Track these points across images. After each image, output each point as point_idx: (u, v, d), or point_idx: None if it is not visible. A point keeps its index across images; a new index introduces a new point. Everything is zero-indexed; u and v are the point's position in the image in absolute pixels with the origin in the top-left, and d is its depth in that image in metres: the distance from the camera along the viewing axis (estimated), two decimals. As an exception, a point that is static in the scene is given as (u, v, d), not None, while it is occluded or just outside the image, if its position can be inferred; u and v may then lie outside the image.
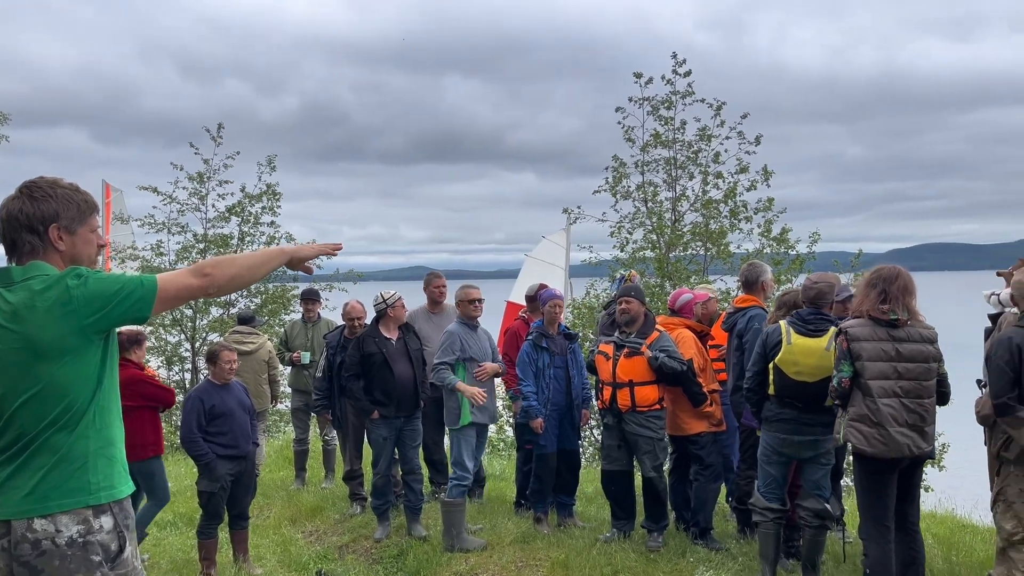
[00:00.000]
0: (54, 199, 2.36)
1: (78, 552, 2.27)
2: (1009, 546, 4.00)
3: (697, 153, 11.59)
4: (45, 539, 2.26)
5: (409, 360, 6.22)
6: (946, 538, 6.09)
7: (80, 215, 2.40)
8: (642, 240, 11.87)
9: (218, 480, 5.41)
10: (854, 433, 4.38)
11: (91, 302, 2.26)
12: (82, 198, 2.43)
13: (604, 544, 5.68)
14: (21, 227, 2.33)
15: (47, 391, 2.26)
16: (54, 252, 2.36)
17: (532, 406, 6.10)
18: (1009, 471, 4.03)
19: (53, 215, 2.35)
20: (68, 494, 2.29)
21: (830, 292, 4.99)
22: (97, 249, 2.47)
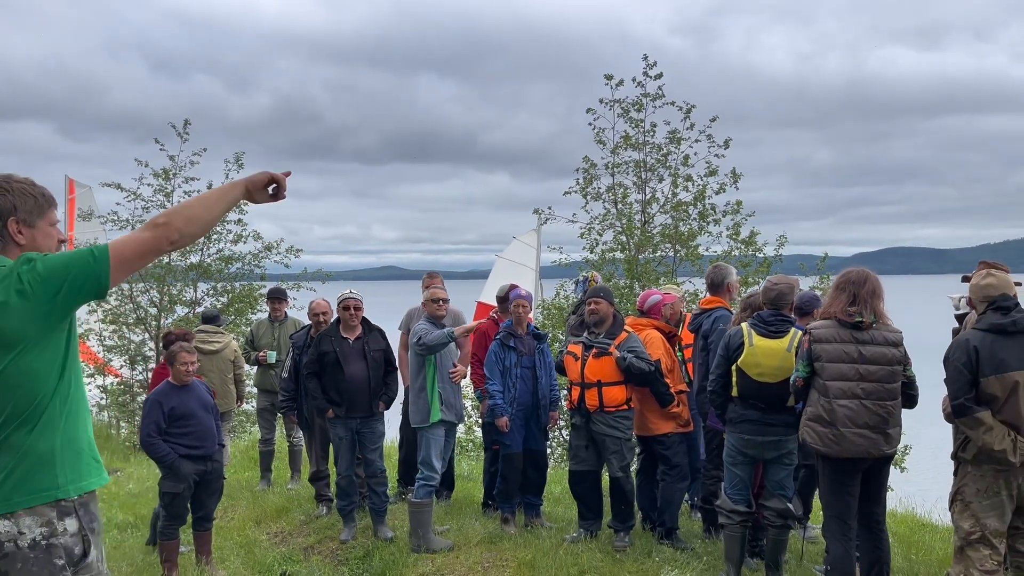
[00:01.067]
0: (11, 193, 2.33)
1: (41, 555, 2.21)
2: (967, 545, 4.07)
3: (667, 155, 11.67)
4: (8, 540, 2.19)
5: (365, 361, 6.16)
6: (906, 537, 6.19)
7: (38, 208, 2.37)
8: (612, 241, 11.92)
9: (183, 480, 5.32)
10: (809, 432, 4.45)
11: (45, 283, 2.19)
12: (39, 191, 2.40)
13: (571, 544, 5.69)
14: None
15: (5, 385, 2.19)
16: (14, 246, 2.33)
17: (498, 404, 6.10)
18: (967, 471, 4.10)
19: (11, 209, 2.32)
20: (32, 492, 2.22)
21: (790, 293, 5.06)
22: (57, 244, 2.42)
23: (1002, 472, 4.00)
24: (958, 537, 4.11)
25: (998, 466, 3.99)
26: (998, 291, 4.12)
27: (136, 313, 12.70)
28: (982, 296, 4.15)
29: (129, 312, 12.76)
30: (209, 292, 13.12)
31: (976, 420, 3.94)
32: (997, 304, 4.08)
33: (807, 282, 10.55)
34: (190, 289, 13.13)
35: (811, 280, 10.71)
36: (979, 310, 4.18)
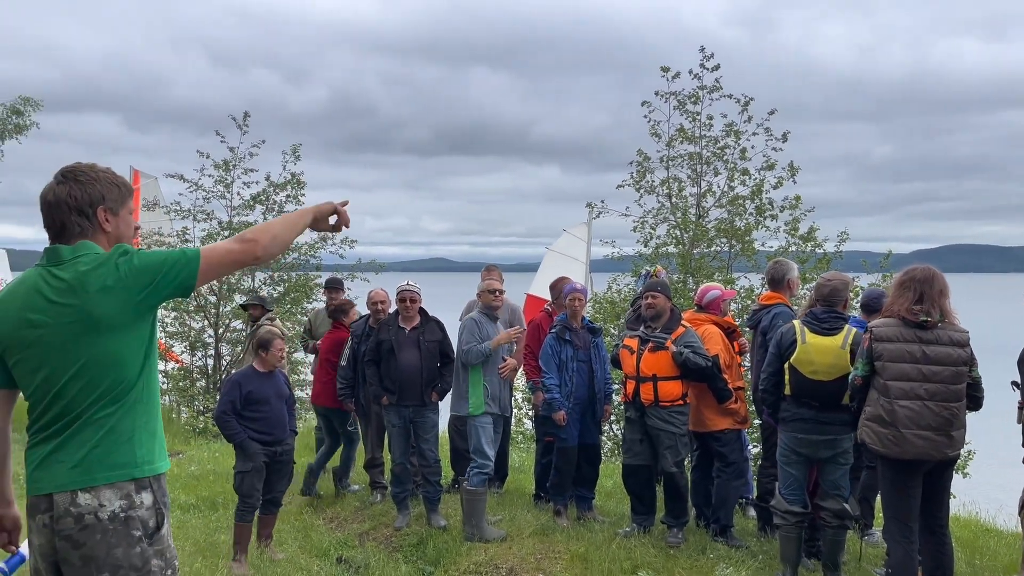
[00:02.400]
0: (99, 182, 2.44)
1: (120, 527, 2.30)
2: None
3: (723, 149, 11.51)
4: (88, 513, 2.29)
5: (418, 350, 6.25)
6: (969, 542, 6.03)
7: (121, 197, 2.49)
8: (665, 236, 11.81)
9: (250, 460, 5.48)
10: (868, 432, 4.37)
11: (139, 276, 2.32)
12: (121, 181, 2.52)
13: (623, 539, 5.69)
14: (71, 210, 2.40)
15: (98, 366, 2.31)
16: (101, 233, 2.43)
17: (555, 399, 6.11)
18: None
19: (100, 197, 2.43)
20: (113, 467, 2.32)
21: (844, 290, 4.98)
22: (134, 231, 2.55)
23: None
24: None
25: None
26: None
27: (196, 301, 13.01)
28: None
29: (190, 300, 13.08)
30: (266, 281, 13.37)
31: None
32: None
33: (868, 279, 10.32)
34: (248, 278, 13.39)
35: (872, 277, 10.46)
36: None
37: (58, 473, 2.31)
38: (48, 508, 2.32)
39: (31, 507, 2.37)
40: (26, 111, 13.27)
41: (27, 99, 13.38)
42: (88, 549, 2.28)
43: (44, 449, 2.34)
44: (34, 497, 2.35)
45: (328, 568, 5.73)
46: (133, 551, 2.31)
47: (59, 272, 2.34)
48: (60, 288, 2.32)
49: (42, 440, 2.35)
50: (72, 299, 2.30)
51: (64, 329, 2.30)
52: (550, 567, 5.32)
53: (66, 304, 2.30)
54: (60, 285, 2.32)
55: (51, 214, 2.42)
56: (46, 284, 2.34)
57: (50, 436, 2.34)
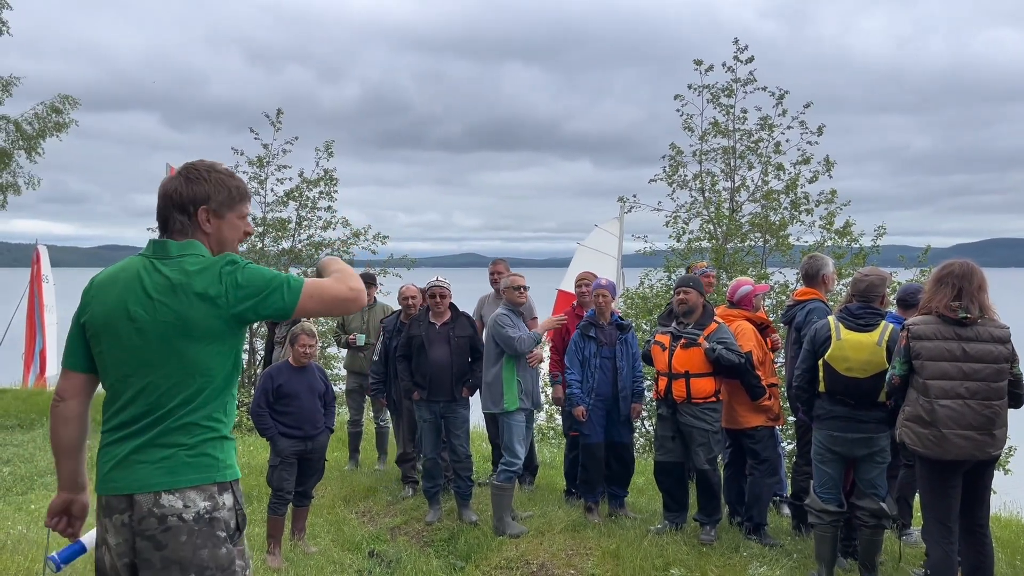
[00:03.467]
0: (206, 182, 2.40)
1: (205, 528, 2.29)
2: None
3: (757, 143, 11.36)
4: (172, 515, 2.27)
5: (448, 346, 6.26)
6: (1010, 542, 5.90)
7: (230, 200, 2.43)
8: (699, 230, 11.70)
9: (279, 454, 5.55)
10: (908, 433, 4.28)
11: (239, 291, 2.30)
12: (235, 184, 2.45)
13: (656, 536, 5.65)
14: (174, 206, 2.39)
15: (187, 369, 2.30)
16: (201, 234, 2.40)
17: (574, 394, 6.11)
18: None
19: (204, 197, 2.39)
20: (199, 470, 2.30)
21: (881, 285, 4.88)
22: (244, 236, 2.50)
23: None
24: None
25: None
26: None
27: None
28: None
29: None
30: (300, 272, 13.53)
31: None
32: None
33: (905, 275, 10.12)
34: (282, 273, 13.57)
35: (910, 273, 10.26)
36: None
37: (139, 474, 2.29)
38: (127, 508, 2.30)
39: (106, 507, 2.34)
40: (65, 109, 13.52)
41: (66, 97, 13.63)
42: (171, 551, 2.25)
43: (123, 448, 2.32)
44: (111, 497, 2.32)
45: (360, 562, 5.77)
46: (219, 552, 2.29)
47: (163, 267, 2.33)
48: (162, 285, 2.30)
49: (121, 438, 2.32)
50: (171, 299, 2.29)
51: (159, 327, 2.28)
52: (581, 563, 5.31)
53: (164, 303, 2.29)
54: (162, 282, 2.30)
55: (159, 207, 2.41)
56: (148, 277, 2.32)
57: (131, 435, 2.31)
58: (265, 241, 13.38)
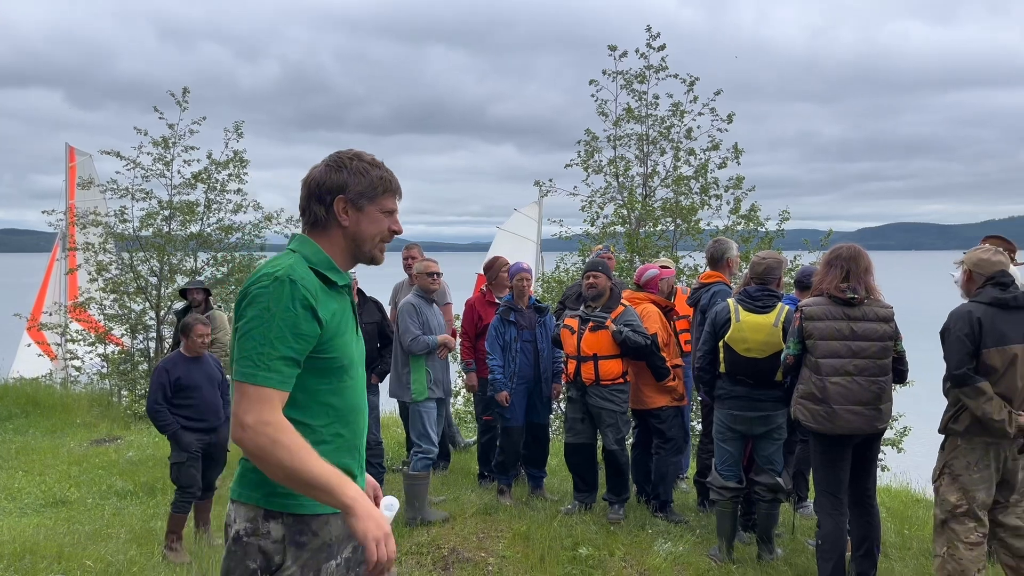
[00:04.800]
0: (345, 170, 2.19)
1: (239, 550, 2.10)
2: (951, 518, 4.06)
3: (669, 129, 11.55)
4: (228, 525, 2.17)
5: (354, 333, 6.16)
6: (900, 512, 6.23)
7: (371, 191, 2.21)
8: (613, 215, 11.85)
9: (184, 450, 5.37)
10: (801, 410, 4.46)
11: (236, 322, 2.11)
12: (377, 175, 2.22)
13: (565, 516, 5.74)
14: (312, 196, 2.21)
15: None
16: (337, 226, 2.20)
17: (497, 379, 6.12)
18: (956, 444, 4.08)
19: (341, 186, 2.18)
20: (248, 487, 2.13)
21: (778, 268, 5.06)
22: (388, 233, 2.26)
23: (992, 445, 4.01)
24: (942, 511, 4.09)
25: (989, 438, 3.99)
26: (1000, 267, 4.10)
27: (137, 282, 12.69)
28: (986, 270, 4.11)
29: (130, 281, 12.76)
30: (209, 262, 13.09)
31: (977, 390, 3.91)
32: (996, 280, 4.06)
33: (809, 258, 10.50)
34: (190, 259, 13.10)
35: (814, 256, 10.65)
36: (977, 283, 4.14)
37: (236, 476, 2.20)
38: None
39: None
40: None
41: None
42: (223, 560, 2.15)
43: None
44: None
45: (268, 552, 5.67)
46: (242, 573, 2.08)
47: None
48: (240, 292, 2.14)
49: None
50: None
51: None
52: (492, 546, 5.35)
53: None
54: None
55: (301, 196, 2.24)
56: None
57: None
58: (172, 225, 12.91)
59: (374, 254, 2.26)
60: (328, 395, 2.15)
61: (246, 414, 1.98)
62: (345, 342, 2.19)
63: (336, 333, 2.15)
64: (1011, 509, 4.09)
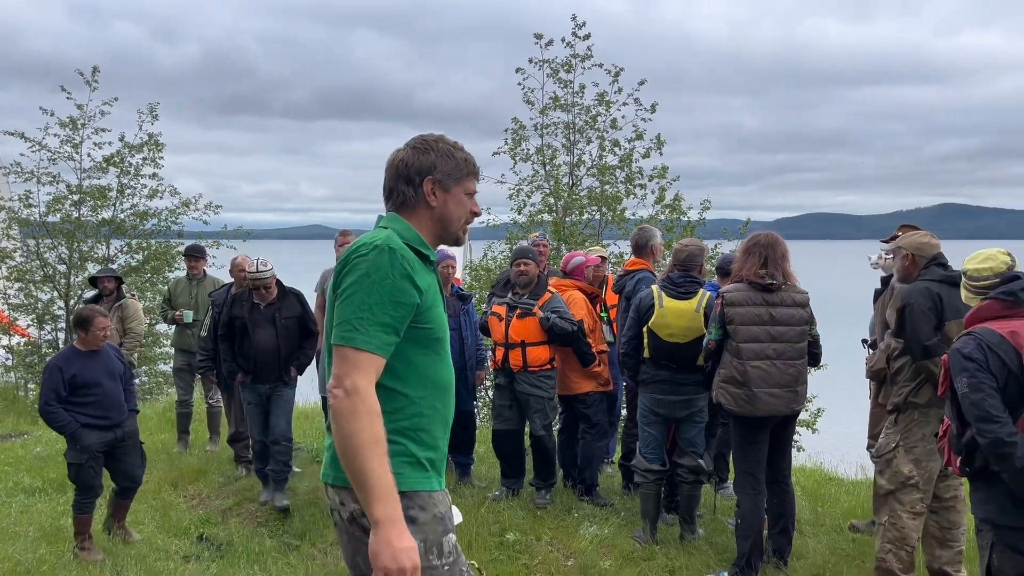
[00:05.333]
0: (433, 152, 2.25)
1: (357, 531, 2.12)
2: (900, 489, 4.17)
3: (595, 118, 11.65)
4: (335, 509, 2.20)
5: (275, 328, 5.98)
6: (813, 490, 6.47)
7: (457, 173, 2.27)
8: (540, 203, 11.90)
9: (85, 451, 5.09)
10: (723, 393, 4.58)
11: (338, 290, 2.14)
12: (463, 156, 2.29)
13: (493, 502, 5.76)
14: (400, 176, 2.25)
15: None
16: (425, 207, 2.25)
17: None
18: (913, 417, 4.18)
19: (430, 167, 2.24)
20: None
21: (699, 255, 5.18)
22: (470, 216, 2.32)
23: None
24: (892, 482, 4.18)
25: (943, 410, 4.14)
26: (938, 250, 4.28)
27: (44, 271, 12.13)
28: (928, 252, 4.25)
29: (36, 269, 12.18)
30: (123, 249, 12.60)
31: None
32: (938, 260, 4.23)
33: (729, 246, 10.78)
34: (102, 246, 12.57)
35: (733, 244, 10.93)
36: (920, 265, 4.27)
37: (326, 461, 2.20)
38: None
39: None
40: None
41: None
42: (343, 548, 2.22)
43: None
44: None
45: (188, 547, 5.52)
46: (361, 555, 2.10)
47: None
48: (340, 262, 2.17)
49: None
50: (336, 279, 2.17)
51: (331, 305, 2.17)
52: (419, 534, 5.32)
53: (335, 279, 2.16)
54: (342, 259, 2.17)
55: (386, 176, 2.29)
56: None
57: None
58: (83, 210, 12.37)
59: (459, 234, 2.32)
60: (426, 367, 2.19)
61: (345, 377, 2.01)
62: (440, 314, 2.25)
63: (433, 303, 2.20)
64: (948, 482, 4.28)
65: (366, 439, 1.97)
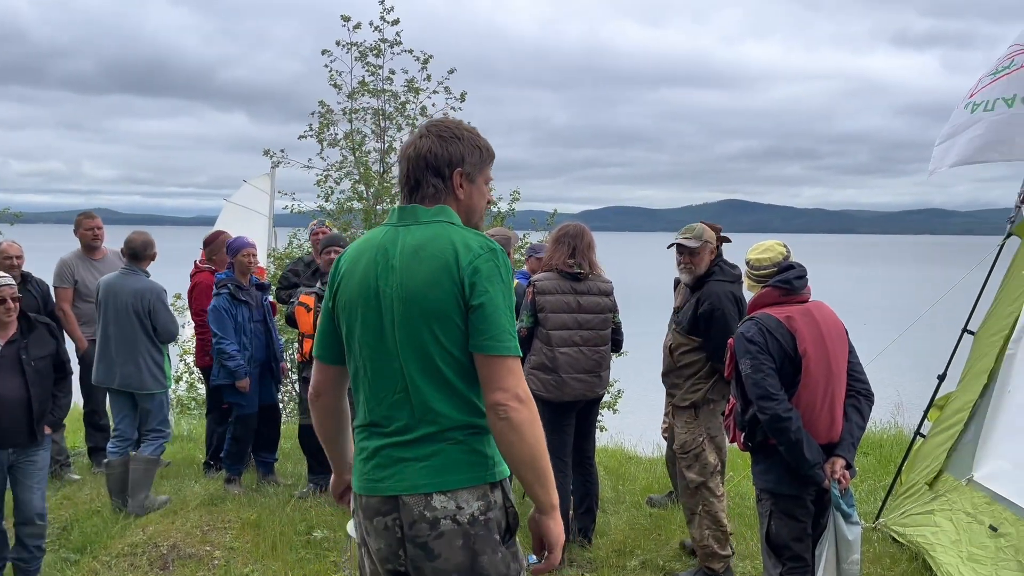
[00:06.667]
0: (461, 141, 2.20)
1: (481, 531, 2.08)
2: (709, 478, 4.38)
3: (404, 105, 11.51)
4: (444, 517, 2.06)
5: (20, 374, 4.23)
6: (615, 469, 6.81)
7: (481, 163, 2.23)
8: (349, 191, 11.59)
9: None
10: (533, 380, 4.68)
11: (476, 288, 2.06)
12: (484, 144, 2.25)
13: (299, 500, 5.54)
14: (428, 168, 2.17)
15: (432, 351, 2.07)
16: (453, 199, 2.20)
17: (240, 365, 5.71)
18: (711, 409, 4.40)
19: (459, 158, 2.19)
20: (470, 468, 2.09)
21: (507, 245, 5.29)
22: (487, 205, 2.29)
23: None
24: (702, 474, 4.36)
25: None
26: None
27: None
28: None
29: None
30: None
31: None
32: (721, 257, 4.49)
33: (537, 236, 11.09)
34: None
35: (541, 234, 11.25)
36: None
37: (407, 473, 2.08)
38: (392, 511, 2.09)
39: (367, 507, 2.13)
40: None
41: None
42: (444, 561, 2.06)
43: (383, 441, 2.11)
44: (373, 497, 2.11)
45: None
46: (496, 557, 2.10)
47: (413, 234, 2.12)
48: (409, 254, 2.09)
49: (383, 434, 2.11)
50: (418, 268, 2.08)
51: (404, 303, 2.07)
52: (218, 539, 5.00)
53: (411, 273, 2.07)
54: (410, 251, 2.09)
55: (408, 169, 2.19)
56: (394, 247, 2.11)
57: (395, 431, 2.10)
58: None
59: (479, 224, 2.29)
60: None
61: (516, 386, 2.02)
62: None
63: None
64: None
65: (544, 441, 2.08)
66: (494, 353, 2.04)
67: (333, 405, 2.31)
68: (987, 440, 4.37)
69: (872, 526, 5.02)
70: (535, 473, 2.05)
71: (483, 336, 2.04)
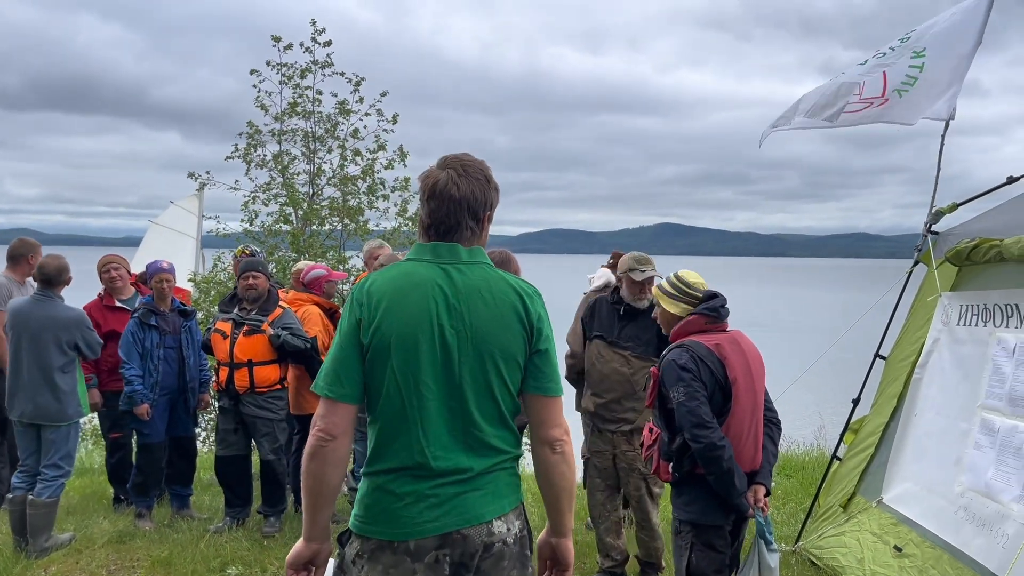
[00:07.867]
0: (490, 183, 2.23)
1: (521, 549, 2.19)
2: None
3: (335, 127, 11.38)
4: (498, 541, 2.13)
5: None
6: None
7: (497, 201, 2.29)
8: (277, 213, 11.36)
9: None
10: None
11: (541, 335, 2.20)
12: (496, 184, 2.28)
13: (214, 535, 5.33)
14: (467, 211, 2.18)
15: (490, 385, 2.13)
16: (479, 240, 2.24)
17: (137, 391, 5.50)
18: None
19: (492, 203, 2.25)
20: (514, 491, 2.20)
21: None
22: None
23: None
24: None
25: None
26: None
27: None
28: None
29: None
30: None
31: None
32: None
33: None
34: None
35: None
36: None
37: (468, 505, 2.09)
38: (443, 546, 2.07)
39: (417, 550, 2.06)
40: None
41: None
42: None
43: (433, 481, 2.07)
44: (426, 539, 2.06)
45: None
46: (527, 572, 2.20)
47: (463, 274, 2.15)
48: (468, 294, 2.12)
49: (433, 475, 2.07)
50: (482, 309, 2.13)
51: (470, 340, 2.10)
52: (126, 578, 4.78)
53: (476, 312, 2.11)
54: (467, 291, 2.12)
55: (447, 211, 2.16)
56: (449, 285, 2.12)
57: (448, 470, 2.09)
58: None
59: None
60: None
61: (566, 423, 2.23)
62: None
63: None
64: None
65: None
66: (555, 394, 2.21)
67: (344, 452, 2.12)
68: (895, 463, 4.48)
69: (792, 549, 5.08)
70: (571, 500, 2.26)
71: (546, 379, 2.20)
